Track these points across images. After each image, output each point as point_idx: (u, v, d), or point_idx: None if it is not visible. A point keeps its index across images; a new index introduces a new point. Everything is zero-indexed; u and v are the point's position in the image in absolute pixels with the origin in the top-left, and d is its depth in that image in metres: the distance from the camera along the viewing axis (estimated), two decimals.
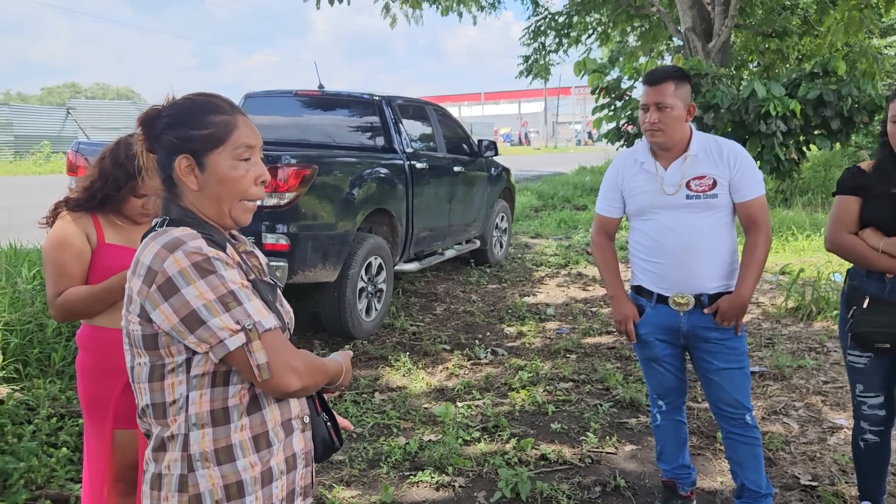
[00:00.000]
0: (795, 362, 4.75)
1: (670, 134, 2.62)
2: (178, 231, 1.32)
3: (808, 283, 6.30)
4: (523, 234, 10.79)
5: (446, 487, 3.22)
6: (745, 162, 2.64)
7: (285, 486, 1.44)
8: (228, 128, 1.40)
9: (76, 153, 5.03)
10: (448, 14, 14.74)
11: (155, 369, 1.34)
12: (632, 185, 2.75)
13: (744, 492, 2.77)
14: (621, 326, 2.81)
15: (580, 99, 65.59)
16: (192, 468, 1.34)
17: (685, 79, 2.63)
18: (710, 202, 2.61)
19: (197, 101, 1.42)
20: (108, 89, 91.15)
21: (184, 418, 1.34)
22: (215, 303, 1.26)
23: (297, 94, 6.55)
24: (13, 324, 4.23)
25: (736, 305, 2.61)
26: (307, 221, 4.88)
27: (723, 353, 2.67)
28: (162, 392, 1.34)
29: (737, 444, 2.74)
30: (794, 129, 11.63)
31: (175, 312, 1.27)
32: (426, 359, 5.01)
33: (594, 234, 2.93)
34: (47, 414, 3.60)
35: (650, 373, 2.89)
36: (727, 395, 2.70)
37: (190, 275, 1.26)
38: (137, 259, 1.33)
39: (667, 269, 2.67)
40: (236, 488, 1.35)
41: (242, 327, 1.27)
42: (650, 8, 16.26)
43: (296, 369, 1.32)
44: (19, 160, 23.14)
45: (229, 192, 1.40)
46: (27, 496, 2.94)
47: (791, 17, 16.45)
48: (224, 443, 1.35)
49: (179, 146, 1.37)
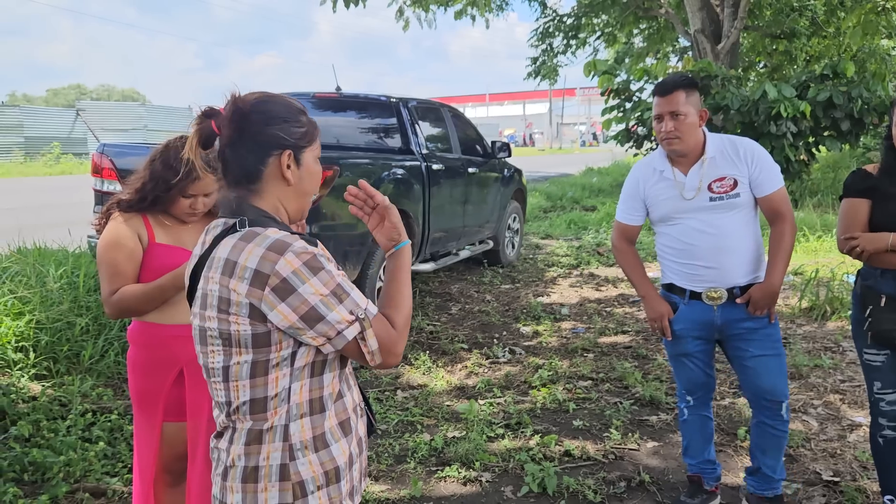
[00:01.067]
0: (812, 361, 4.80)
1: (686, 140, 2.70)
2: (273, 232, 1.34)
3: (822, 283, 6.35)
4: (534, 235, 10.85)
5: (473, 482, 3.28)
6: (762, 157, 2.73)
7: (360, 468, 1.52)
8: (315, 127, 1.49)
9: (101, 155, 5.11)
10: (461, 17, 14.81)
11: (258, 365, 1.36)
12: (654, 194, 2.83)
13: (758, 473, 2.89)
14: (656, 324, 2.87)
15: (585, 100, 65.62)
16: (293, 457, 1.38)
17: (694, 86, 2.72)
18: (734, 202, 2.70)
19: (283, 99, 1.47)
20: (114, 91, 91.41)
21: (285, 410, 1.38)
22: (330, 297, 1.32)
23: (315, 96, 6.63)
24: (43, 322, 4.32)
25: (767, 294, 2.69)
26: (328, 222, 4.95)
27: (758, 341, 2.75)
28: (265, 387, 1.37)
29: (765, 433, 2.83)
30: (804, 131, 11.68)
31: (294, 311, 1.31)
32: (445, 357, 5.08)
33: (615, 240, 3.01)
34: (80, 410, 3.68)
35: (679, 368, 2.96)
36: (764, 381, 2.76)
37: (304, 273, 1.31)
38: (232, 261, 1.33)
39: (700, 269, 2.75)
40: (334, 473, 1.42)
41: (356, 317, 1.34)
42: (658, 10, 16.31)
43: (398, 351, 1.41)
44: (30, 161, 23.27)
45: (312, 188, 1.49)
46: (66, 489, 3.01)
47: (800, 18, 16.47)
48: (319, 430, 1.41)
49: (284, 141, 1.42)
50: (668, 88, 2.69)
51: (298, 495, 1.38)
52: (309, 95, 6.66)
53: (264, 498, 1.38)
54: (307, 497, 1.39)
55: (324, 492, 1.41)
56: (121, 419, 3.67)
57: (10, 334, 4.17)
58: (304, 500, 1.39)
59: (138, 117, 28.55)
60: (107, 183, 5.15)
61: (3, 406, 3.62)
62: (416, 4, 13.18)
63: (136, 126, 27.69)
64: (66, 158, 23.25)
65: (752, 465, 2.93)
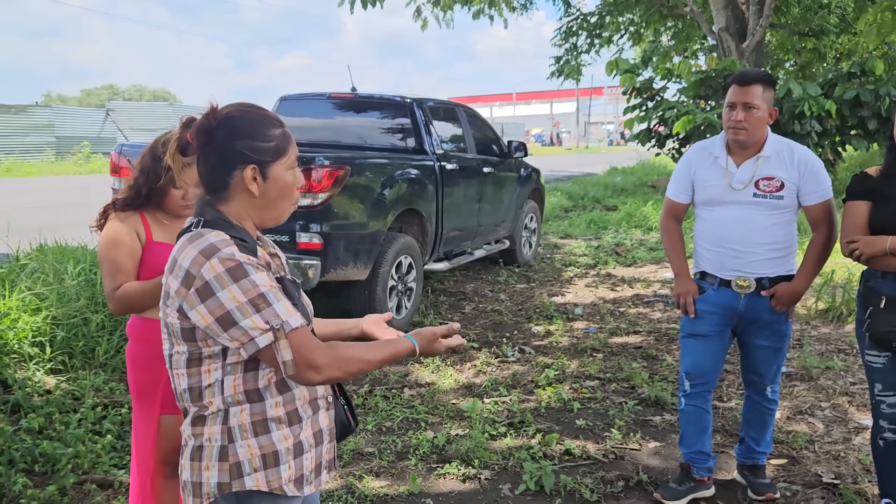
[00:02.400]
0: (823, 363, 4.76)
1: (752, 133, 2.80)
2: (213, 236, 1.41)
3: (839, 285, 6.27)
4: (552, 235, 10.84)
5: (472, 479, 3.31)
6: (815, 168, 2.83)
7: (314, 458, 1.57)
8: (286, 141, 1.52)
9: (119, 154, 5.22)
10: (479, 17, 14.85)
11: (192, 357, 1.46)
12: (703, 177, 2.94)
13: (743, 442, 3.13)
14: (681, 300, 3.02)
15: (612, 99, 65.12)
16: (231, 439, 1.46)
17: (772, 84, 2.83)
18: (776, 202, 2.81)
19: (255, 113, 1.51)
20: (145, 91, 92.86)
21: (220, 399, 1.46)
22: (247, 305, 1.37)
23: (330, 96, 6.70)
24: (60, 318, 4.43)
25: (792, 293, 2.86)
26: (340, 221, 5.01)
27: (768, 333, 2.93)
28: (199, 377, 1.46)
29: (753, 407, 3.06)
30: (830, 130, 11.50)
31: (210, 313, 1.38)
32: (454, 356, 5.11)
33: (663, 217, 3.16)
34: (92, 403, 3.78)
35: (688, 350, 3.07)
36: (759, 367, 3.00)
37: (224, 280, 1.37)
38: (175, 259, 1.43)
39: (727, 257, 2.89)
40: (272, 458, 1.48)
41: (271, 327, 1.37)
42: (683, 8, 16.16)
43: (316, 365, 1.41)
44: (60, 161, 23.75)
45: (285, 199, 1.53)
46: (74, 480, 3.10)
47: (828, 15, 16.23)
48: (260, 416, 1.48)
49: (247, 156, 1.46)
50: (748, 80, 2.80)
51: (235, 475, 1.46)
52: (325, 96, 6.73)
53: (206, 476, 1.47)
54: (243, 478, 1.46)
55: (261, 474, 1.47)
56: (130, 413, 3.76)
57: (28, 330, 4.28)
58: (241, 480, 1.46)
59: (166, 117, 28.95)
60: (125, 182, 5.25)
61: (18, 399, 3.73)
62: (435, 4, 13.23)
63: (165, 126, 28.03)
64: (95, 158, 23.68)
65: (740, 436, 3.17)
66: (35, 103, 29.61)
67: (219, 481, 1.46)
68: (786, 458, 3.50)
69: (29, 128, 25.08)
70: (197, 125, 1.47)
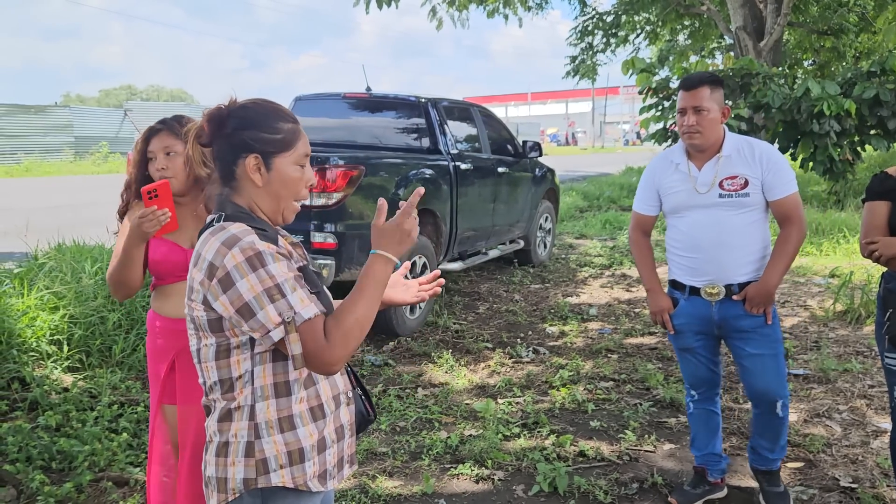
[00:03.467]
0: (841, 366, 4.70)
1: (706, 135, 2.76)
2: (234, 227, 1.44)
3: (858, 286, 6.20)
4: (568, 235, 10.80)
5: (486, 480, 3.31)
6: (777, 162, 2.77)
7: (336, 453, 1.59)
8: (295, 135, 1.55)
9: None
10: (494, 16, 14.84)
11: (221, 348, 1.47)
12: (667, 185, 2.91)
13: (754, 451, 3.01)
14: (657, 318, 2.98)
15: (628, 98, 64.88)
16: (258, 435, 1.47)
17: (719, 83, 2.79)
18: (743, 200, 2.75)
19: (267, 106, 1.55)
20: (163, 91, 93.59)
21: (250, 391, 1.47)
22: (263, 295, 1.38)
23: (345, 96, 6.72)
24: (77, 316, 4.47)
25: (762, 293, 2.75)
26: (354, 221, 5.02)
27: (755, 340, 2.82)
28: (229, 368, 1.47)
29: (763, 422, 2.92)
30: (849, 129, 11.37)
31: (231, 304, 1.40)
32: (468, 356, 5.11)
33: (631, 230, 3.11)
34: (108, 402, 3.81)
35: (684, 363, 3.05)
36: (758, 381, 2.84)
37: (244, 269, 1.39)
38: (199, 253, 1.45)
39: (700, 262, 2.83)
40: (298, 454, 1.49)
41: (283, 320, 1.38)
42: (700, 7, 16.06)
43: (328, 362, 1.40)
44: (79, 160, 24.00)
45: (288, 192, 1.55)
46: (90, 477, 3.13)
47: (847, 14, 16.06)
48: (286, 412, 1.49)
49: (251, 146, 1.50)
50: (694, 83, 2.75)
51: (261, 471, 1.47)
52: (339, 96, 6.75)
53: (232, 472, 1.48)
54: (269, 474, 1.47)
55: (287, 470, 1.48)
56: (146, 411, 3.79)
57: (45, 328, 4.33)
58: (267, 476, 1.47)
59: None
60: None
61: (36, 397, 3.77)
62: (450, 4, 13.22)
63: None
64: (113, 157, 23.93)
65: (750, 444, 3.05)
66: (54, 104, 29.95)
67: (245, 477, 1.47)
68: (802, 461, 3.47)
69: (48, 128, 25.38)
70: (210, 113, 1.52)
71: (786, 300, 6.59)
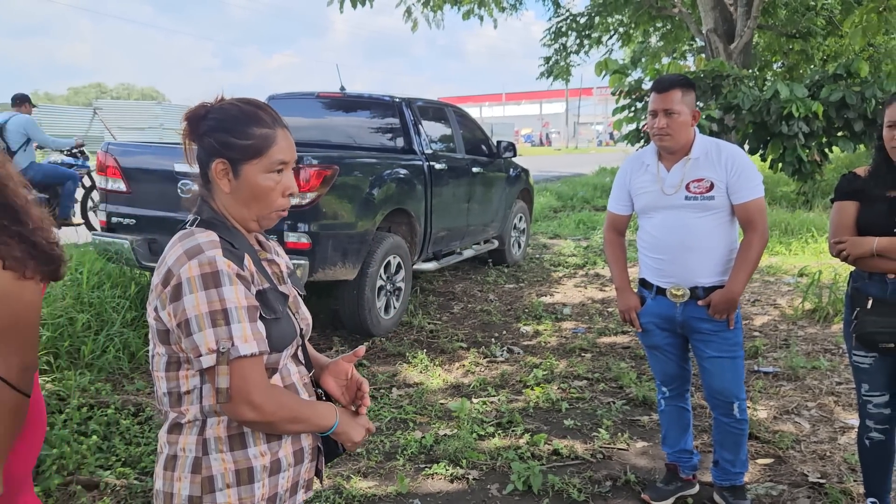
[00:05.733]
0: (810, 363, 4.78)
1: (677, 138, 2.79)
2: (202, 237, 1.39)
3: (826, 285, 6.31)
4: (542, 235, 10.86)
5: (460, 480, 3.31)
6: (743, 165, 2.79)
7: (291, 477, 1.52)
8: (267, 142, 1.48)
9: (106, 153, 5.19)
10: (469, 18, 14.86)
11: (171, 360, 1.42)
12: (637, 185, 2.95)
13: (717, 465, 3.04)
14: (625, 316, 3.03)
15: (602, 100, 65.30)
16: (206, 451, 1.41)
17: (691, 86, 2.81)
18: (707, 203, 2.78)
19: (244, 109, 1.48)
20: (133, 89, 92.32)
21: (198, 408, 1.42)
22: (206, 316, 1.32)
23: (319, 95, 6.68)
24: (45, 318, 4.39)
25: (726, 300, 2.77)
26: (328, 221, 4.99)
27: (715, 343, 2.85)
28: (178, 382, 1.42)
29: (722, 429, 2.96)
30: (817, 131, 11.59)
31: (175, 316, 1.35)
32: (443, 356, 5.11)
33: (605, 230, 3.16)
34: (77, 404, 3.75)
35: (654, 360, 3.10)
36: (716, 382, 2.89)
37: (196, 284, 1.33)
38: (164, 256, 1.41)
39: (665, 263, 2.87)
40: (246, 474, 1.43)
41: (217, 349, 1.32)
42: (672, 9, 16.22)
43: (252, 403, 1.35)
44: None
45: (259, 202, 1.48)
46: (59, 481, 3.07)
47: (815, 17, 16.32)
48: (237, 430, 1.43)
49: (218, 150, 1.45)
50: (665, 86, 2.77)
51: (207, 490, 1.41)
52: (313, 95, 6.71)
53: (178, 488, 1.42)
54: (214, 493, 1.41)
55: (233, 490, 1.42)
56: (117, 413, 3.74)
57: None
58: (212, 495, 1.41)
59: (155, 116, 28.81)
60: (111, 181, 5.23)
61: None
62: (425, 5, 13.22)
63: (153, 125, 27.96)
64: None
65: (714, 458, 3.07)
66: None
67: (190, 494, 1.41)
68: (772, 457, 3.52)
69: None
70: (189, 112, 1.48)
71: (756, 299, 6.68)
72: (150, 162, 5.22)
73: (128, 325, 4.71)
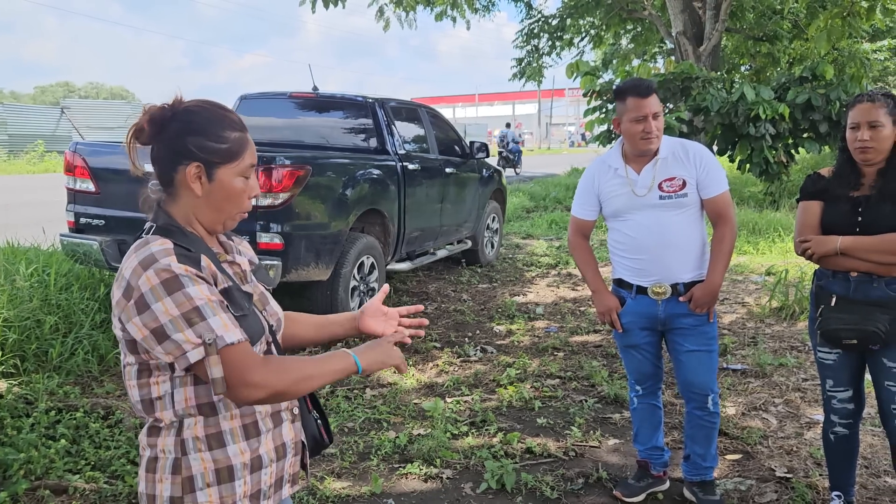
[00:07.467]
0: (777, 360, 4.87)
1: (660, 140, 2.85)
2: (155, 245, 1.37)
3: (793, 283, 6.43)
4: (514, 235, 10.91)
5: (434, 479, 3.32)
6: (709, 161, 2.87)
7: (274, 473, 1.52)
8: (242, 145, 1.47)
9: (74, 153, 5.12)
10: (441, 20, 14.87)
11: (142, 368, 1.41)
12: (607, 190, 2.96)
13: (689, 459, 3.09)
14: (605, 318, 3.03)
15: (574, 101, 65.68)
16: (185, 452, 1.41)
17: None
18: (682, 201, 2.84)
19: (215, 112, 1.46)
20: (102, 89, 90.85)
21: (171, 413, 1.41)
22: (180, 319, 1.32)
23: (291, 96, 6.65)
24: (11, 320, 4.31)
25: (708, 293, 2.84)
26: (301, 221, 4.97)
27: (694, 337, 2.91)
28: (149, 389, 1.42)
29: (695, 422, 3.01)
30: (783, 133, 11.80)
31: (145, 326, 1.33)
32: (417, 356, 5.11)
33: (571, 234, 3.16)
34: (45, 407, 3.69)
35: (629, 359, 3.13)
36: (693, 375, 2.94)
37: (159, 292, 1.32)
38: (121, 269, 1.38)
39: (646, 263, 2.90)
40: (226, 472, 1.43)
41: (203, 342, 1.32)
42: (642, 12, 16.41)
43: (253, 383, 1.35)
44: (13, 159, 23.11)
45: (230, 205, 1.48)
46: (27, 486, 3.02)
47: (781, 21, 16.62)
48: (214, 429, 1.43)
49: (193, 153, 1.42)
50: (650, 90, 2.81)
51: (188, 490, 1.41)
52: (285, 95, 6.68)
53: (160, 489, 1.42)
54: (195, 493, 1.41)
55: (214, 489, 1.42)
56: (86, 417, 3.69)
57: None
58: (193, 495, 1.41)
59: (124, 115, 28.39)
60: (79, 181, 5.16)
61: None
62: (398, 5, 13.22)
63: (122, 124, 27.55)
64: (50, 157, 23.10)
65: (685, 452, 3.11)
66: None
67: (171, 495, 1.41)
68: (740, 453, 3.58)
69: None
70: (152, 113, 1.43)
71: (724, 297, 6.78)
72: (119, 162, 5.15)
73: (97, 327, 4.64)
